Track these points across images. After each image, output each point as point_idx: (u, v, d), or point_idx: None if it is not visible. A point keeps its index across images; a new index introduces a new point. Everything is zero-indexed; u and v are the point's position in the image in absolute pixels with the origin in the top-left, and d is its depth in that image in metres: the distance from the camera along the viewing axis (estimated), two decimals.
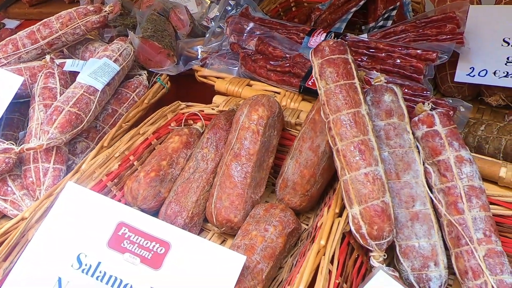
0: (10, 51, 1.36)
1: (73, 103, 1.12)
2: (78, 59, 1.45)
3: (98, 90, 1.18)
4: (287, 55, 1.25)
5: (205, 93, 1.34)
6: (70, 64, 1.31)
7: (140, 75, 1.37)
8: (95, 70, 1.21)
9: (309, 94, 1.18)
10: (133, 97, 1.31)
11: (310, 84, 1.16)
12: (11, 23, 2.18)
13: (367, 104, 0.91)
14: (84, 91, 1.16)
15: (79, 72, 1.24)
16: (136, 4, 1.65)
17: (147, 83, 1.35)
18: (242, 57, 1.28)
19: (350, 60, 0.92)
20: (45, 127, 1.09)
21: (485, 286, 0.81)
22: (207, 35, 1.47)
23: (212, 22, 1.60)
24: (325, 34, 1.27)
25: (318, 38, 1.26)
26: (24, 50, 1.36)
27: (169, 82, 1.37)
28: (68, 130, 1.10)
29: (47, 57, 1.31)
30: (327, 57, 0.91)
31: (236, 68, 1.31)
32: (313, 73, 0.94)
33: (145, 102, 1.29)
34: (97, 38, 1.49)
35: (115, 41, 1.34)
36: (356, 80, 0.90)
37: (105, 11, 1.40)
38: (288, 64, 1.22)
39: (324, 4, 1.72)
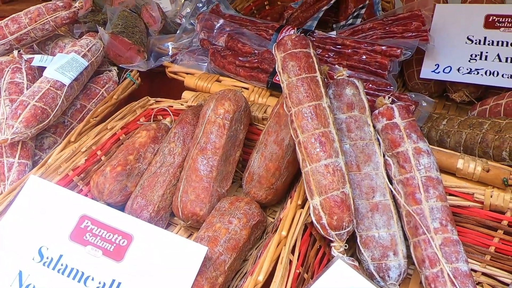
0: None
1: (39, 98, 1.12)
2: (47, 55, 1.44)
3: (65, 85, 1.17)
4: (256, 51, 1.27)
5: (176, 89, 1.34)
6: (38, 60, 1.30)
7: (110, 71, 1.37)
8: (63, 65, 1.20)
9: (277, 89, 1.20)
10: (102, 92, 1.31)
11: (278, 79, 1.17)
12: None
13: (328, 97, 0.92)
14: (50, 86, 1.15)
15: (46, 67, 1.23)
16: (108, 1, 1.64)
17: (117, 79, 1.35)
18: (212, 53, 1.29)
19: (312, 54, 0.94)
20: (10, 121, 1.08)
21: (441, 273, 0.83)
22: (178, 32, 1.48)
23: (184, 19, 1.60)
24: (293, 30, 1.29)
25: (286, 33, 1.28)
26: None
27: (139, 78, 1.37)
28: (34, 124, 1.09)
29: (15, 52, 1.30)
30: (289, 51, 0.92)
31: (206, 64, 1.32)
32: (276, 67, 0.95)
33: (114, 97, 1.28)
34: (67, 34, 1.48)
35: (84, 37, 1.33)
36: (317, 74, 0.92)
37: (75, 7, 1.39)
38: (256, 60, 1.23)
39: (296, 3, 1.74)
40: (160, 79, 1.43)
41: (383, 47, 1.18)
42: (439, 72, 1.28)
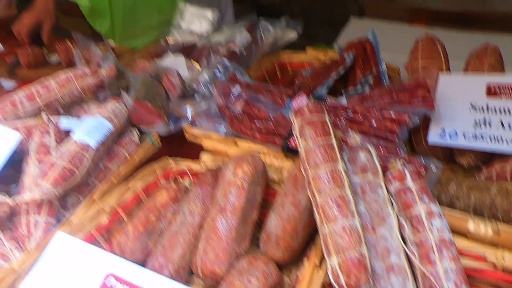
0: (9, 110, 1.43)
1: (67, 159, 1.18)
2: (72, 117, 1.52)
3: (92, 148, 1.24)
4: (271, 116, 1.34)
5: (194, 150, 1.41)
6: (65, 122, 1.38)
7: (131, 132, 1.44)
8: (90, 128, 1.27)
9: (292, 152, 1.26)
10: (124, 153, 1.37)
11: (293, 144, 1.24)
12: (7, 84, 2.27)
13: (344, 161, 0.98)
14: (78, 148, 1.22)
15: (73, 130, 1.31)
16: (129, 67, 1.75)
17: (138, 140, 1.42)
18: (230, 118, 1.37)
19: (327, 121, 1.01)
20: (39, 181, 1.14)
21: None
22: (196, 97, 1.57)
23: (202, 86, 1.70)
24: (306, 97, 1.37)
25: (299, 101, 1.36)
26: (22, 110, 1.44)
27: (159, 141, 1.44)
28: (61, 184, 1.15)
29: (43, 115, 1.38)
30: (306, 118, 1.00)
31: (224, 127, 1.39)
32: (293, 132, 1.02)
33: (136, 159, 1.35)
34: (92, 98, 1.57)
35: (109, 102, 1.42)
36: (333, 139, 0.98)
37: (101, 74, 1.50)
38: (272, 125, 1.30)
39: (306, 71, 1.84)
40: (179, 140, 1.50)
41: (392, 114, 1.26)
42: (445, 138, 1.35)
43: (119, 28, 2.51)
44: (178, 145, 1.48)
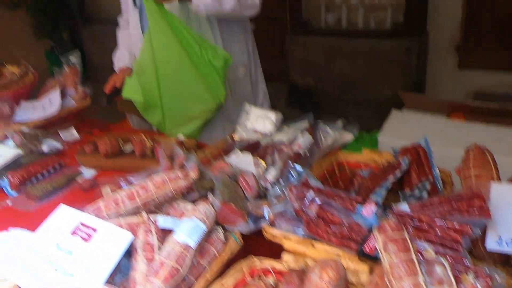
0: (112, 208, 1.66)
1: (174, 259, 1.37)
2: (163, 214, 1.73)
3: (192, 248, 1.43)
4: (344, 221, 1.52)
5: (271, 247, 1.59)
6: (162, 221, 1.59)
7: (216, 230, 1.63)
8: (189, 229, 1.48)
9: (366, 257, 1.42)
10: (214, 251, 1.56)
11: (367, 250, 1.41)
12: (87, 172, 2.53)
13: (423, 273, 1.14)
14: (181, 248, 1.41)
15: (173, 229, 1.51)
16: (208, 168, 1.98)
17: (223, 238, 1.61)
18: (306, 222, 1.55)
19: (407, 237, 1.18)
20: (152, 278, 1.33)
21: None
22: (271, 198, 1.77)
23: (270, 184, 1.92)
24: (374, 205, 1.55)
25: (369, 208, 1.54)
26: (124, 208, 1.66)
27: (241, 239, 1.63)
28: (170, 282, 1.34)
29: (144, 214, 1.60)
30: (389, 235, 1.18)
31: (300, 229, 1.57)
32: (377, 246, 1.19)
33: (224, 257, 1.53)
34: (179, 197, 1.79)
35: (201, 203, 1.62)
36: (412, 254, 1.16)
37: (191, 177, 1.72)
38: (346, 230, 1.48)
39: (363, 170, 2.04)
40: (255, 238, 1.68)
41: (455, 225, 1.42)
42: (502, 245, 1.49)
43: (168, 119, 2.83)
44: (255, 242, 1.66)
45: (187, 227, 1.48)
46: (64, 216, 1.60)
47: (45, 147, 2.69)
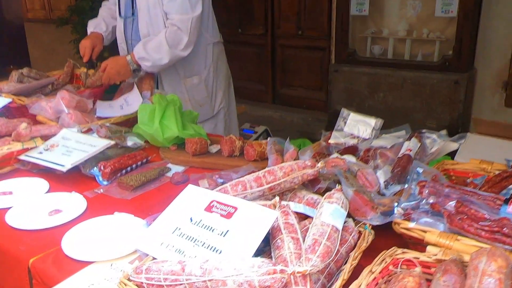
0: (239, 190, 1.62)
1: (327, 238, 1.33)
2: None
3: (339, 230, 1.39)
4: (488, 217, 1.47)
5: (396, 241, 1.54)
6: (293, 206, 1.55)
7: (347, 221, 1.58)
8: (332, 212, 1.43)
9: None
10: (350, 239, 1.51)
11: None
12: (176, 168, 2.52)
13: None
14: (330, 230, 1.37)
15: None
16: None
17: (356, 228, 1.56)
18: (448, 216, 1.50)
19: None
20: (309, 255, 1.28)
21: None
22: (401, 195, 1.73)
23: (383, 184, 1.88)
24: None
25: None
26: (250, 191, 1.63)
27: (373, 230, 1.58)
28: (326, 260, 1.28)
29: (277, 198, 1.56)
30: None
31: (440, 223, 1.52)
32: None
33: (362, 246, 1.48)
34: (301, 186, 1.75)
35: (335, 191, 1.58)
36: None
37: (318, 166, 1.69)
38: (496, 226, 1.43)
39: (475, 179, 1.99)
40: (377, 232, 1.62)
41: None
42: None
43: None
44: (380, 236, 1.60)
45: (331, 211, 1.44)
46: (195, 195, 1.57)
47: (129, 142, 2.69)
